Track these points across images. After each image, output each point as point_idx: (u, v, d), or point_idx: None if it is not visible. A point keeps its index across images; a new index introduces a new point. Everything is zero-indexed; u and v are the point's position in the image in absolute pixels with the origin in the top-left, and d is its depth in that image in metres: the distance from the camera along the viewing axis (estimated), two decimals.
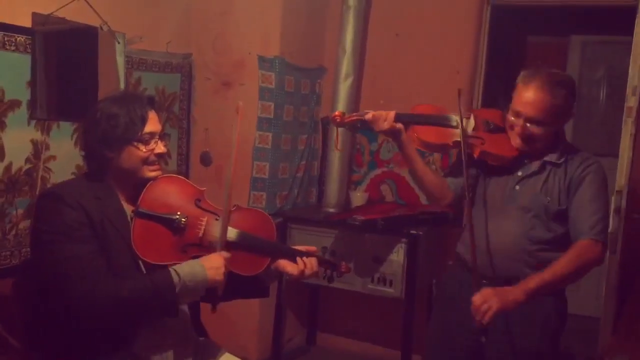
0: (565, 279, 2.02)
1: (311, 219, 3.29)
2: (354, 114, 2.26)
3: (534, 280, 1.98)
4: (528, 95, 2.08)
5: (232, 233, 1.83)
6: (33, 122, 2.36)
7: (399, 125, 2.18)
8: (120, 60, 2.74)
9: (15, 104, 2.28)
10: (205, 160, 3.37)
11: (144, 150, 1.76)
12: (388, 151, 3.60)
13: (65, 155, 2.50)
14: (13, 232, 2.32)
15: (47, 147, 2.43)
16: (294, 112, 3.50)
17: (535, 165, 2.16)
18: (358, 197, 3.53)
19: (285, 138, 3.45)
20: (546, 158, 2.15)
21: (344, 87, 3.41)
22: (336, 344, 3.75)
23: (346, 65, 3.41)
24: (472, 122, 2.26)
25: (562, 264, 2.01)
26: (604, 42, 4.61)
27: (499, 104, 5.21)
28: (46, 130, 2.42)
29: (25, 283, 1.93)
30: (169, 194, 1.82)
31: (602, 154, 4.56)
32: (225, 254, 1.77)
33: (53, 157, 2.46)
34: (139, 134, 1.75)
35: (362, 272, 3.11)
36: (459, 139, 2.15)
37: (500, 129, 2.21)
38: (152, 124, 1.79)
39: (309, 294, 3.74)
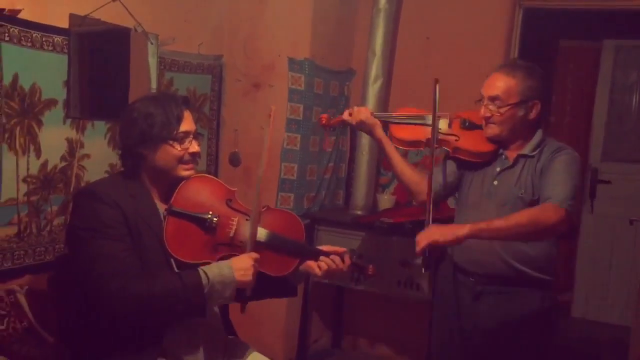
0: (516, 228, 1.95)
1: (339, 221, 3.29)
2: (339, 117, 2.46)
3: (483, 222, 1.99)
4: (488, 79, 2.18)
5: (262, 234, 1.85)
6: (68, 120, 2.40)
7: (374, 120, 2.34)
8: (152, 61, 2.78)
9: (51, 103, 2.32)
10: (234, 160, 3.40)
11: (179, 149, 1.79)
12: (416, 154, 3.58)
13: (98, 154, 2.54)
14: (48, 228, 2.37)
15: (82, 146, 2.47)
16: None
17: (510, 159, 2.18)
18: (385, 200, 3.53)
19: (314, 140, 3.46)
20: (520, 152, 2.17)
21: (373, 90, 3.42)
22: (362, 347, 3.75)
23: (375, 68, 3.41)
24: (446, 120, 2.33)
25: (517, 213, 2.00)
26: (637, 46, 4.53)
27: None
28: (81, 129, 2.46)
29: (60, 279, 1.98)
30: (201, 193, 1.84)
31: (635, 160, 4.53)
32: (254, 254, 1.78)
33: (87, 156, 2.50)
34: (175, 132, 1.78)
35: (389, 274, 3.11)
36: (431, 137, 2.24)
37: (477, 127, 2.26)
38: (187, 123, 1.82)
39: (335, 296, 3.74)
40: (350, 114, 2.39)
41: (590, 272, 4.61)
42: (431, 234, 1.95)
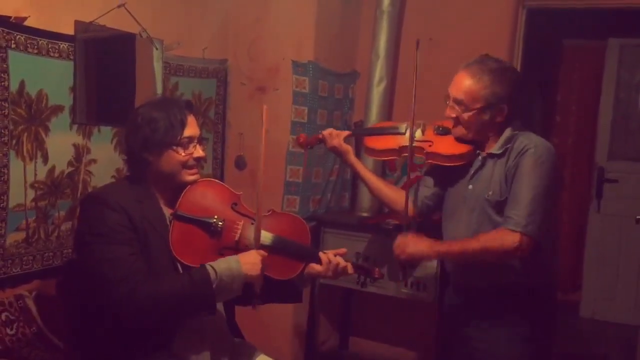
0: (472, 254, 2.00)
1: (345, 223, 3.29)
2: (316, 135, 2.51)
3: (444, 244, 2.11)
4: (455, 76, 2.11)
5: (267, 237, 1.86)
6: (75, 126, 2.42)
7: (346, 147, 2.40)
8: (158, 66, 2.80)
9: (58, 109, 2.34)
10: (240, 164, 3.41)
11: (183, 154, 1.80)
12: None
13: (105, 159, 2.56)
14: (55, 233, 2.39)
15: (88, 151, 2.49)
16: (328, 117, 3.52)
17: (479, 161, 2.14)
18: None
19: None
20: (488, 151, 2.12)
21: (377, 92, 3.42)
22: (369, 349, 3.75)
23: (379, 69, 3.41)
24: (420, 128, 2.33)
25: (474, 239, 2.01)
26: None
27: (534, 108, 5.16)
28: (87, 135, 2.48)
29: (68, 283, 1.99)
30: (207, 197, 1.86)
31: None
32: (262, 252, 1.80)
33: (94, 161, 2.52)
34: (179, 137, 1.79)
35: (396, 276, 3.10)
36: (405, 144, 2.23)
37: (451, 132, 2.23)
38: (191, 128, 1.83)
39: (342, 298, 3.74)
40: (330, 134, 2.41)
41: (598, 271, 4.60)
42: (408, 250, 2.12)
